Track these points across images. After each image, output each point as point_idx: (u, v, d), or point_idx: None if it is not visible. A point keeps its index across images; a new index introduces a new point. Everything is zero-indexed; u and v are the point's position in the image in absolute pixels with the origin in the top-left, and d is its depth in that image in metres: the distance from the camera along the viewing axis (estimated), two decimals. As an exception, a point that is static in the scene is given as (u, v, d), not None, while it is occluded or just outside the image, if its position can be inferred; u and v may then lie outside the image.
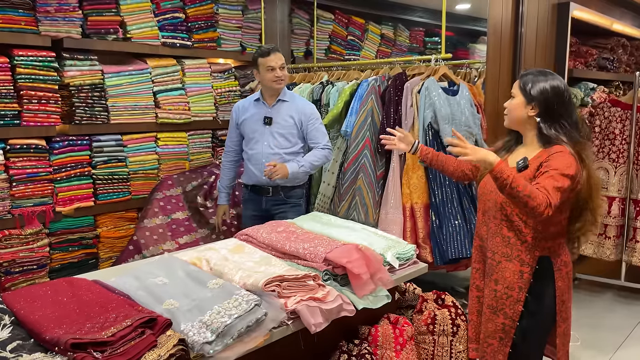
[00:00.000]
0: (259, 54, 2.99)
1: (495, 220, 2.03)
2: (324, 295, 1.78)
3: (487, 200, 2.07)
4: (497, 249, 2.02)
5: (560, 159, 1.86)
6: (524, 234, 1.96)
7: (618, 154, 4.16)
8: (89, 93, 3.35)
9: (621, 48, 5.42)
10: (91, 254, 3.46)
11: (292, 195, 3.11)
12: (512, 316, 1.97)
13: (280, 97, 3.07)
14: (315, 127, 3.09)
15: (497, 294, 2.00)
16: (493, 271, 2.03)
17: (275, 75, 2.95)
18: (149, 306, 1.56)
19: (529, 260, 1.95)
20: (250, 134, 3.08)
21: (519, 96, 1.99)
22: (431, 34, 6.01)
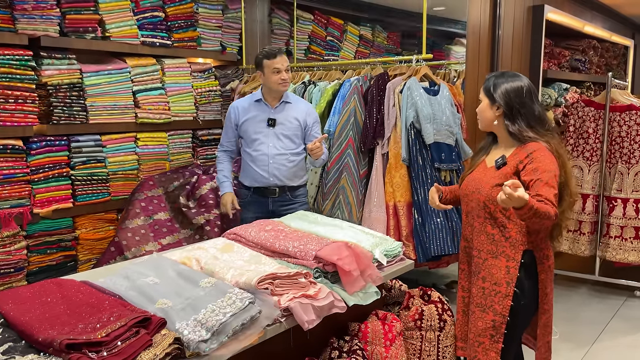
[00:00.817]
0: (265, 55, 2.96)
1: (479, 218, 2.06)
2: (316, 292, 1.79)
3: (470, 201, 2.11)
4: (482, 247, 2.06)
5: (544, 160, 1.93)
6: (508, 229, 2.00)
7: (592, 153, 4.28)
8: (67, 92, 3.29)
9: (592, 50, 5.58)
10: (70, 256, 3.40)
11: (298, 194, 3.11)
12: (502, 312, 1.99)
13: (283, 99, 3.06)
14: (317, 130, 3.13)
15: (485, 291, 2.03)
16: (480, 269, 2.06)
17: (281, 78, 2.94)
18: (141, 306, 1.55)
19: (514, 255, 1.99)
20: (253, 135, 3.04)
21: (485, 99, 2.09)
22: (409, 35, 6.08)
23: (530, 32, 4.26)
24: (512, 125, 2.03)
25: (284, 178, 3.03)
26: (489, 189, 2.01)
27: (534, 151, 1.96)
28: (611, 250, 4.14)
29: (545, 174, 1.89)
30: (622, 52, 6.77)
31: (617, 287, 4.33)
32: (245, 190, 3.11)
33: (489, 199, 2.01)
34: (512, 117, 2.03)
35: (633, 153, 4.09)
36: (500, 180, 1.95)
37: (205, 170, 3.59)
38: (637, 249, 4.04)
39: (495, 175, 2.03)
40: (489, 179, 2.04)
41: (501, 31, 3.83)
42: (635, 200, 4.06)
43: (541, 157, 1.94)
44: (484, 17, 3.74)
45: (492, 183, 2.02)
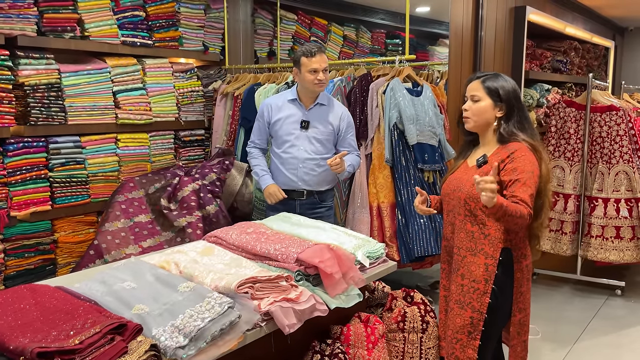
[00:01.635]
0: (303, 52, 2.81)
1: (460, 216, 2.08)
2: (297, 295, 1.77)
3: (451, 200, 2.12)
4: (462, 244, 2.07)
5: (524, 160, 1.96)
6: (487, 227, 2.01)
7: (573, 153, 4.32)
8: (45, 93, 3.23)
9: (573, 51, 5.64)
10: (49, 260, 3.33)
11: (325, 198, 3.04)
12: (480, 309, 2.00)
13: (318, 100, 2.94)
14: (351, 134, 3.03)
15: (463, 288, 2.04)
16: (459, 266, 2.07)
17: (317, 78, 2.81)
18: (117, 312, 1.51)
19: (493, 253, 2.00)
20: (285, 137, 2.94)
21: (487, 99, 2.05)
22: (392, 36, 6.08)
23: (512, 33, 4.29)
24: (507, 125, 2.05)
25: (312, 183, 2.95)
26: (469, 187, 2.02)
27: (515, 151, 1.98)
28: (592, 249, 4.19)
29: (524, 174, 1.92)
30: (603, 53, 6.86)
31: (598, 286, 4.37)
32: None
33: (469, 197, 2.02)
34: (509, 118, 2.06)
35: (613, 153, 4.14)
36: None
37: (187, 171, 3.55)
38: (618, 249, 4.08)
39: (477, 173, 2.01)
40: (470, 177, 2.03)
41: (483, 32, 3.84)
42: (615, 200, 4.11)
43: (521, 157, 1.96)
44: (467, 19, 3.75)
45: (472, 181, 2.00)
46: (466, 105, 2.11)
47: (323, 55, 2.84)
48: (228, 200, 3.56)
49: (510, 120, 2.05)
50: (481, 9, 3.76)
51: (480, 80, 2.09)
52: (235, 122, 3.97)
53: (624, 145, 4.10)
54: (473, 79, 2.13)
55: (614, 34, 7.76)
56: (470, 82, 2.13)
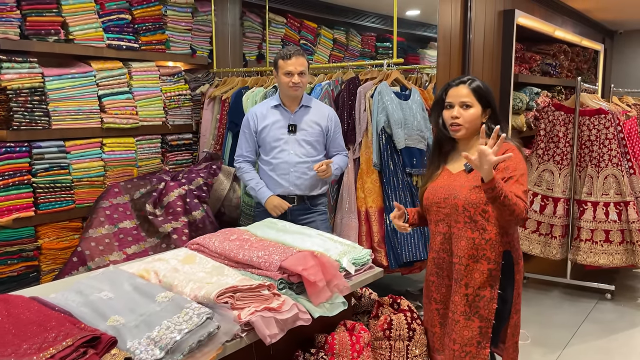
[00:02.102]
0: (280, 55, 2.81)
1: (458, 224, 2.01)
2: (279, 304, 1.73)
3: (442, 208, 2.06)
4: (463, 253, 2.00)
5: (517, 159, 1.98)
6: (488, 231, 1.97)
7: (562, 156, 4.32)
8: (28, 97, 3.18)
9: (563, 54, 5.65)
10: (32, 266, 3.27)
11: (317, 203, 2.99)
12: (488, 316, 1.97)
13: (302, 103, 2.92)
14: (339, 134, 3.01)
15: (469, 298, 1.99)
16: (462, 276, 2.01)
17: (292, 81, 2.78)
18: (92, 323, 1.47)
19: (495, 257, 1.97)
20: (273, 143, 2.90)
21: (477, 105, 2.03)
22: (383, 39, 6.06)
23: (501, 36, 4.28)
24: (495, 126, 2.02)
25: (304, 187, 2.90)
26: (466, 193, 1.98)
27: (506, 150, 1.96)
28: (582, 253, 4.18)
29: (517, 172, 1.93)
30: (593, 57, 6.88)
31: (588, 290, 4.37)
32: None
33: (468, 203, 1.97)
34: (494, 121, 2.04)
35: (602, 157, 4.13)
36: (478, 183, 1.90)
37: (173, 176, 3.50)
38: (607, 252, 4.08)
39: (470, 178, 2.00)
40: (463, 183, 2.01)
41: (472, 35, 3.83)
42: (605, 204, 4.10)
43: (514, 158, 1.95)
44: (455, 22, 3.74)
45: (468, 186, 1.99)
46: (455, 112, 2.03)
47: (300, 58, 2.80)
48: (215, 206, 3.52)
49: (493, 123, 2.02)
50: (469, 12, 3.75)
51: (467, 85, 2.04)
52: (223, 126, 3.94)
53: (612, 149, 4.09)
54: (455, 84, 2.07)
55: (604, 37, 7.79)
56: (453, 87, 2.06)
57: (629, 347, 3.47)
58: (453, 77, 3.75)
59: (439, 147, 2.17)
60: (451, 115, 2.04)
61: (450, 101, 2.06)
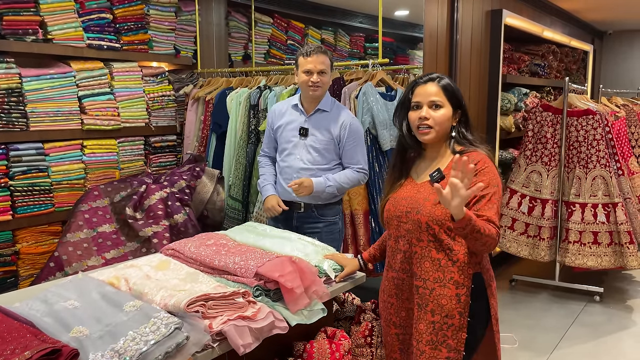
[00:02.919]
0: (301, 52, 2.67)
1: (421, 242, 1.79)
2: (254, 312, 1.67)
3: (403, 223, 1.83)
4: (427, 276, 1.78)
5: (489, 173, 1.76)
6: (455, 252, 1.75)
7: (550, 157, 4.29)
8: (4, 98, 3.10)
9: (552, 54, 5.63)
10: (10, 272, 3.20)
11: (326, 213, 2.80)
12: (457, 346, 1.76)
13: (319, 106, 2.74)
14: (353, 146, 2.75)
15: (435, 326, 1.77)
16: (427, 301, 1.78)
17: (310, 80, 2.62)
18: (55, 335, 1.41)
19: (464, 281, 1.76)
20: (284, 144, 2.79)
21: (448, 105, 1.81)
22: (372, 39, 6.02)
23: (488, 36, 4.25)
24: (463, 133, 1.85)
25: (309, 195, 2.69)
26: (430, 208, 1.76)
27: (478, 162, 1.75)
28: (570, 255, 4.15)
29: (489, 189, 1.72)
30: (582, 57, 6.87)
31: (577, 293, 4.34)
32: None
33: (432, 219, 1.75)
34: (464, 124, 1.86)
35: (590, 158, 4.11)
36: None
37: (156, 179, 3.43)
38: (596, 254, 4.05)
39: (434, 191, 1.74)
40: (427, 196, 1.79)
41: (459, 36, 3.79)
42: (593, 205, 4.08)
43: (486, 169, 1.76)
44: (442, 22, 3.70)
45: (432, 200, 1.77)
46: (424, 112, 1.79)
47: (320, 55, 2.64)
48: (198, 209, 3.45)
49: (464, 127, 1.85)
50: (456, 12, 3.71)
51: (435, 82, 1.82)
52: (207, 127, 3.87)
53: (600, 150, 4.07)
54: (423, 81, 1.83)
55: (593, 38, 7.79)
56: (420, 85, 1.83)
57: (618, 349, 3.44)
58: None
59: (402, 153, 1.93)
60: (419, 116, 1.80)
61: (418, 101, 1.82)
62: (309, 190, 2.64)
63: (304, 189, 2.63)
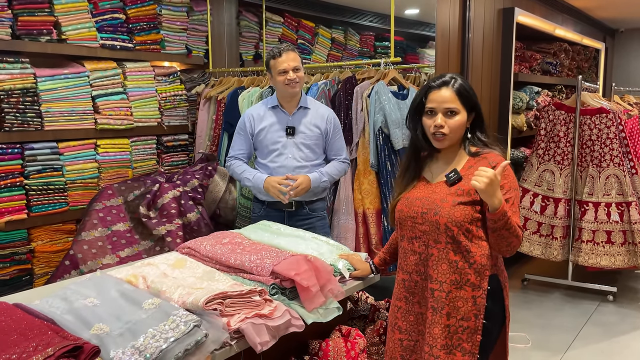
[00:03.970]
0: (270, 56, 2.70)
1: (438, 244, 1.75)
2: (271, 311, 1.68)
3: (418, 224, 1.80)
4: (444, 278, 1.75)
5: (508, 175, 1.76)
6: (472, 254, 1.73)
7: (563, 156, 4.26)
8: (20, 98, 3.13)
9: (563, 53, 5.59)
10: (25, 270, 3.22)
11: (316, 208, 2.86)
12: (472, 350, 1.73)
13: (301, 104, 2.80)
14: (338, 138, 2.86)
15: (450, 329, 1.74)
16: (442, 305, 1.74)
17: (287, 78, 2.65)
18: (75, 332, 1.42)
19: (480, 283, 1.74)
20: (271, 146, 2.80)
21: (463, 111, 1.77)
22: (381, 38, 6.01)
23: (500, 35, 4.23)
24: (478, 135, 1.83)
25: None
26: (449, 209, 1.73)
27: (497, 164, 1.73)
28: (583, 254, 4.12)
29: (511, 192, 1.72)
30: (594, 55, 6.82)
31: (590, 292, 4.31)
32: (259, 204, 2.90)
33: (451, 221, 1.72)
34: (479, 125, 1.84)
35: (604, 156, 4.08)
36: (463, 198, 1.73)
37: (168, 178, 3.45)
38: (609, 253, 4.02)
39: (452, 192, 1.76)
40: (444, 197, 1.76)
41: (471, 34, 3.78)
42: (606, 204, 4.05)
43: (505, 172, 1.73)
44: (453, 20, 3.69)
45: (451, 201, 1.74)
46: (439, 120, 1.75)
47: (290, 52, 2.67)
48: (211, 207, 3.47)
49: (478, 128, 1.83)
50: (468, 11, 3.70)
51: (450, 87, 1.77)
52: (219, 126, 3.89)
53: (614, 149, 4.04)
54: (437, 86, 1.79)
55: (605, 36, 7.73)
56: (434, 90, 1.79)
57: (632, 349, 3.41)
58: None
59: (415, 153, 1.91)
60: (434, 124, 1.76)
61: (432, 107, 1.78)
62: (307, 189, 2.68)
63: (302, 191, 2.66)
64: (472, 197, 1.73)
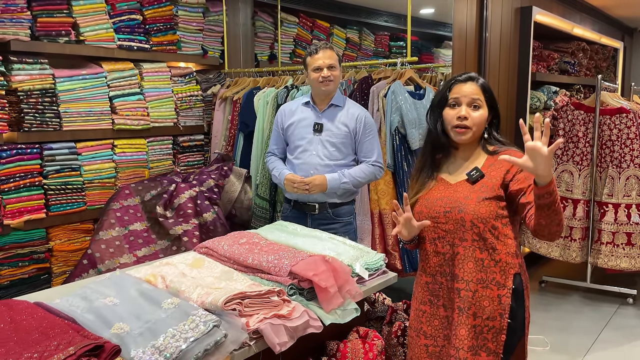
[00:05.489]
0: (308, 52, 2.70)
1: (465, 242, 1.74)
2: (289, 311, 1.68)
3: (442, 224, 1.77)
4: (470, 277, 1.73)
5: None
6: (498, 251, 1.72)
7: (582, 157, 4.20)
8: (39, 98, 3.16)
9: (582, 52, 5.52)
10: (43, 268, 3.26)
11: (341, 213, 2.78)
12: (496, 349, 1.72)
13: (332, 102, 2.75)
14: (369, 139, 2.76)
15: (476, 329, 1.72)
16: (469, 304, 1.72)
17: (322, 76, 2.63)
18: (96, 331, 1.43)
19: (505, 282, 1.73)
20: (297, 142, 2.77)
21: (485, 106, 1.78)
22: (396, 38, 5.98)
23: (518, 34, 4.19)
24: (495, 133, 1.83)
25: (324, 193, 2.68)
26: (474, 205, 1.72)
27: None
28: (603, 256, 4.06)
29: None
30: (612, 55, 6.73)
31: (609, 295, 4.24)
32: (287, 204, 2.88)
33: (476, 217, 1.71)
34: (497, 125, 1.84)
35: (624, 157, 4.01)
36: (488, 194, 1.71)
37: (184, 178, 3.47)
38: (629, 255, 3.95)
39: (476, 189, 1.75)
40: (468, 194, 1.75)
41: (488, 33, 3.74)
42: (626, 206, 3.98)
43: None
44: (470, 19, 3.65)
45: (475, 198, 1.73)
46: (464, 112, 1.75)
47: (327, 50, 2.66)
48: (226, 207, 3.48)
49: (495, 128, 1.84)
50: (485, 10, 3.66)
51: (475, 82, 1.78)
52: (235, 127, 3.89)
53: (634, 149, 3.97)
54: (463, 79, 1.79)
55: (623, 35, 7.62)
56: (459, 83, 1.79)
57: (653, 354, 3.36)
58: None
59: (432, 152, 1.88)
60: (458, 115, 1.75)
61: (456, 97, 1.77)
62: (322, 188, 2.64)
63: (315, 187, 2.63)
64: (496, 192, 1.72)
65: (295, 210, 2.82)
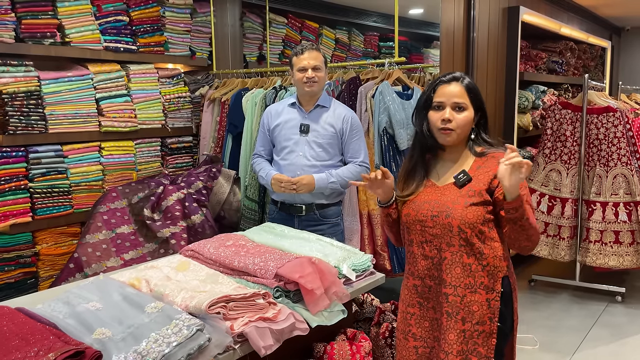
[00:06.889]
0: (293, 53, 2.70)
1: (452, 247, 1.72)
2: (275, 314, 1.67)
3: (429, 228, 1.76)
4: (458, 282, 1.72)
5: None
6: (485, 256, 1.72)
7: (570, 156, 4.23)
8: (24, 101, 3.13)
9: (569, 51, 5.55)
10: (30, 273, 3.23)
11: (328, 214, 2.78)
12: (487, 354, 1.71)
13: (318, 103, 2.75)
14: (356, 140, 2.77)
15: (465, 334, 1.71)
16: (457, 309, 1.72)
17: (306, 77, 2.63)
18: (78, 336, 1.41)
19: (494, 285, 1.73)
20: (284, 143, 2.77)
21: (470, 107, 1.75)
22: (385, 38, 5.99)
23: (505, 34, 4.20)
24: (482, 134, 1.81)
25: (311, 194, 2.68)
26: (461, 211, 1.70)
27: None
28: (591, 255, 4.08)
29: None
30: (600, 54, 6.77)
31: (598, 293, 4.27)
32: (273, 205, 2.87)
33: (464, 222, 1.69)
34: (483, 125, 1.82)
35: (611, 156, 4.04)
36: (475, 199, 1.70)
37: (172, 180, 3.44)
38: (617, 254, 3.98)
39: (463, 193, 1.73)
40: (456, 199, 1.73)
41: (476, 33, 3.75)
42: (614, 204, 4.01)
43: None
44: (458, 19, 3.66)
45: (462, 203, 1.71)
46: (447, 114, 1.72)
47: (313, 52, 2.66)
48: (215, 209, 3.45)
49: (483, 129, 1.81)
50: (473, 9, 3.67)
51: (459, 82, 1.75)
52: (223, 128, 3.88)
53: (621, 148, 4.00)
54: (447, 80, 1.76)
55: (611, 34, 7.67)
56: (443, 84, 1.76)
57: (641, 351, 3.38)
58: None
59: (421, 154, 1.85)
60: (442, 118, 1.73)
61: (441, 101, 1.75)
62: (309, 188, 2.63)
63: (303, 187, 2.62)
64: (483, 197, 1.72)
65: (282, 212, 2.81)
